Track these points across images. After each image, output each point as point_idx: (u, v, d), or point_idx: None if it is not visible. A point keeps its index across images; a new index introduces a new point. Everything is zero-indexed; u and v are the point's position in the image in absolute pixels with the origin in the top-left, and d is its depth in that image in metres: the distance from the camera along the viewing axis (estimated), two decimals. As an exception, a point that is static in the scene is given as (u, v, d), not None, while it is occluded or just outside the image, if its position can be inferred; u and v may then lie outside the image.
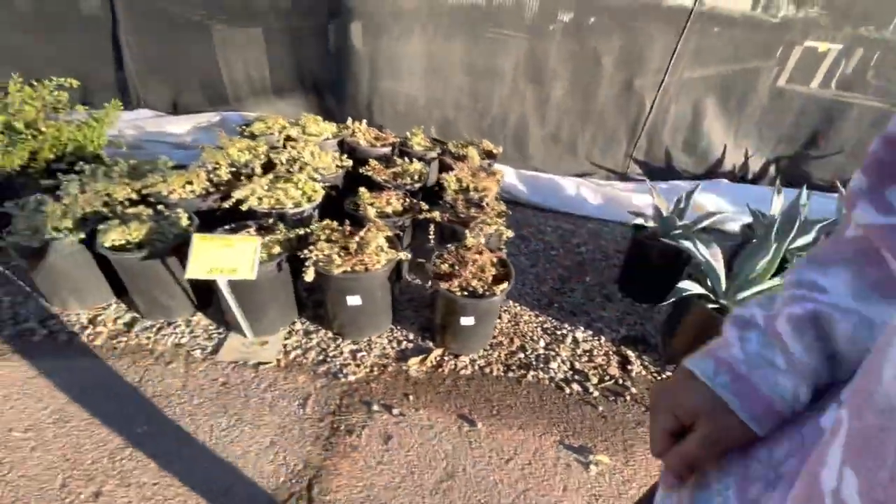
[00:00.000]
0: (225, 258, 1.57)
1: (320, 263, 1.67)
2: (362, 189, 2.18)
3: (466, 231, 1.98)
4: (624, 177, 3.44)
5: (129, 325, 1.90)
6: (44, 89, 2.54)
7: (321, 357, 1.84)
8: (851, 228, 0.39)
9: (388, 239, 1.83)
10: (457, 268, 1.76)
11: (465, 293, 1.68)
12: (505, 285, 1.69)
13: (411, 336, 1.98)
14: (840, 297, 0.38)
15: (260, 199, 2.04)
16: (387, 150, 2.91)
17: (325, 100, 3.36)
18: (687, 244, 1.75)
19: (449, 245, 1.90)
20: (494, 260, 1.76)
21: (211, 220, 1.98)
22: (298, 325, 1.98)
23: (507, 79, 3.14)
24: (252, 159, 2.42)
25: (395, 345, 1.93)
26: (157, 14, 3.05)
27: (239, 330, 1.88)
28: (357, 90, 3.25)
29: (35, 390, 1.61)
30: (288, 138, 2.82)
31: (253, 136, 2.78)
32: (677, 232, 2.08)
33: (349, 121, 2.96)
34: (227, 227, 1.87)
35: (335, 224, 1.86)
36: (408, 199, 2.22)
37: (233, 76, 3.29)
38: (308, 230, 1.83)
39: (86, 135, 2.57)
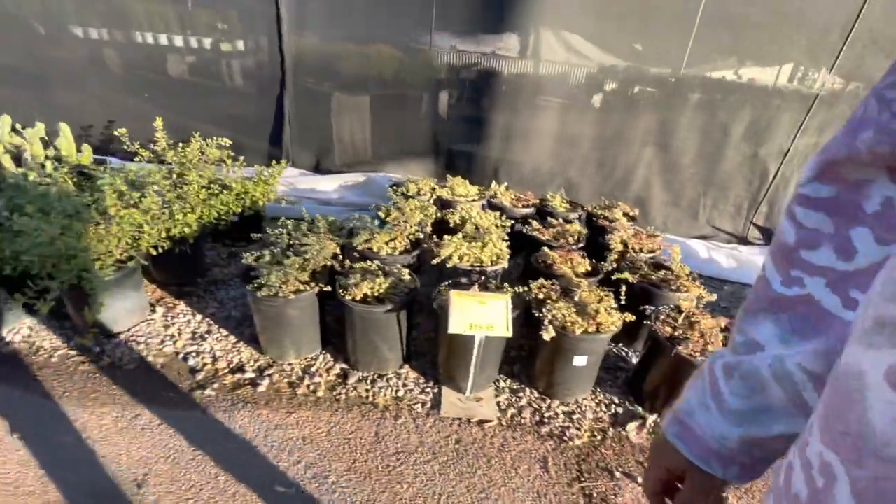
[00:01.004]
0: (479, 315, 1.62)
1: (556, 323, 1.71)
2: (546, 249, 2.26)
3: (668, 293, 2.02)
4: (743, 241, 3.49)
5: (343, 377, 1.93)
6: (208, 147, 2.76)
7: (537, 417, 1.83)
8: (764, 283, 0.45)
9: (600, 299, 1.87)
10: (681, 332, 1.78)
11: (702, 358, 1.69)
12: (740, 350, 1.69)
13: (616, 399, 1.95)
14: (773, 349, 0.43)
15: (461, 257, 2.12)
16: (529, 210, 3.04)
17: (455, 162, 3.56)
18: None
19: (659, 307, 1.93)
20: (723, 324, 1.78)
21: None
22: (501, 383, 1.98)
23: (634, 146, 3.32)
24: (424, 219, 2.55)
25: (603, 408, 1.91)
26: (309, 86, 3.35)
27: (451, 385, 1.89)
28: (488, 155, 3.45)
29: (281, 442, 1.62)
30: (439, 199, 2.98)
31: (405, 196, 2.94)
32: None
33: (494, 184, 3.13)
34: (446, 283, 1.94)
35: (549, 283, 1.92)
36: (587, 260, 2.28)
37: (368, 140, 3.53)
38: (527, 288, 1.89)
39: (260, 191, 2.76)
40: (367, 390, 1.87)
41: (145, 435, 1.59)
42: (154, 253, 2.02)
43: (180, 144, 2.69)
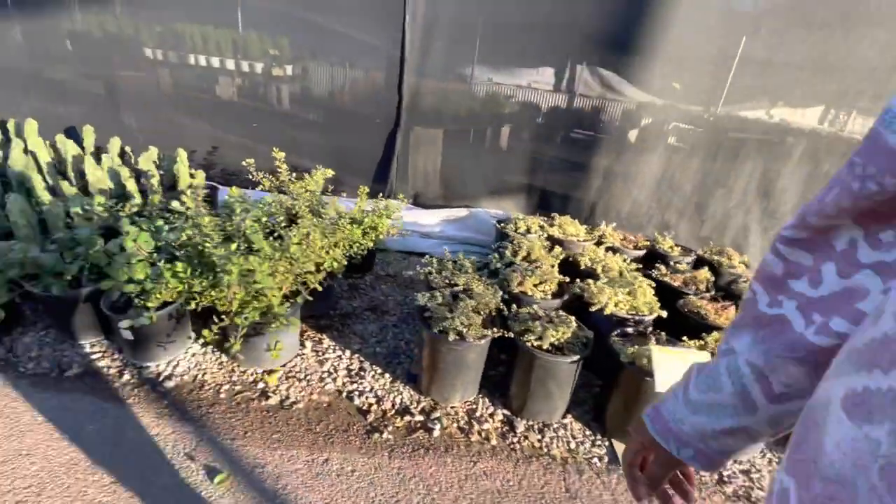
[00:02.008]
0: (680, 371, 1.60)
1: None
2: (692, 298, 2.25)
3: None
4: (841, 289, 3.47)
5: (509, 424, 1.89)
6: (319, 177, 2.82)
7: (716, 476, 1.78)
8: (751, 304, 0.52)
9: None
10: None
11: None
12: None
13: (785, 458, 1.91)
14: (742, 352, 0.51)
15: (615, 304, 2.12)
16: (641, 252, 3.04)
17: (549, 200, 3.60)
18: None
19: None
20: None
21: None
22: (667, 437, 1.94)
23: (736, 192, 3.35)
24: (553, 259, 2.56)
25: (775, 466, 1.86)
26: (415, 123, 3.42)
27: (623, 438, 1.85)
28: (584, 194, 3.49)
29: (478, 495, 1.58)
30: (550, 237, 2.99)
31: (520, 235, 2.95)
32: None
33: (603, 225, 3.15)
34: (616, 333, 1.93)
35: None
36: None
37: (465, 176, 3.59)
38: (702, 342, 1.87)
39: (384, 224, 2.79)
40: (538, 440, 1.83)
41: (342, 482, 1.56)
42: (319, 289, 2.02)
43: (293, 175, 2.73)
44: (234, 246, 1.70)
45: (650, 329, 1.97)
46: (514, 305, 2.00)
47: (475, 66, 3.29)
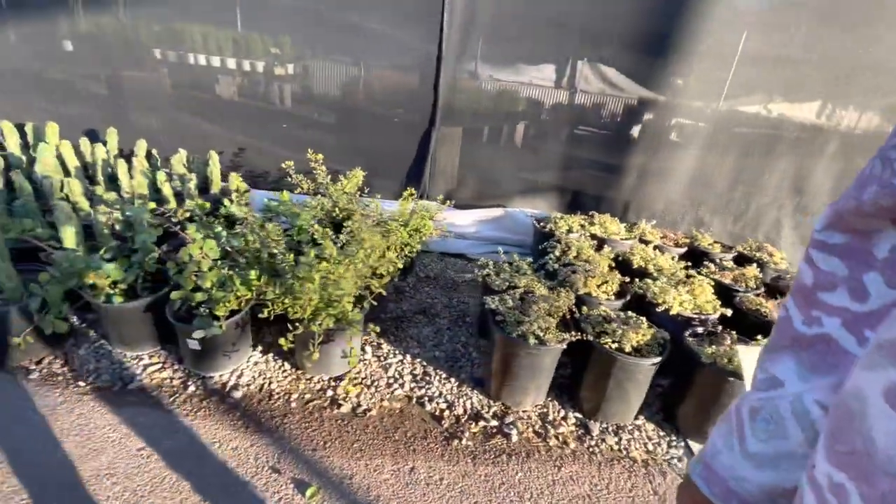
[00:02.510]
0: (768, 371, 1.60)
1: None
2: (749, 295, 2.25)
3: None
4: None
5: (583, 427, 1.88)
6: (355, 179, 2.81)
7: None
8: (786, 322, 0.47)
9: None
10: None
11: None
12: None
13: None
14: (792, 386, 0.44)
15: (680, 303, 2.11)
16: (682, 250, 3.05)
17: (581, 198, 3.58)
18: None
19: None
20: None
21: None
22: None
23: (769, 189, 3.36)
24: (606, 260, 2.54)
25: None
26: (448, 123, 3.39)
27: (699, 438, 1.85)
28: (617, 192, 3.48)
29: (570, 500, 1.56)
30: (592, 236, 2.98)
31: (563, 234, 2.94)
32: None
33: (643, 223, 3.15)
34: (688, 333, 1.92)
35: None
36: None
37: (498, 176, 3.56)
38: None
39: (428, 227, 2.75)
40: (616, 443, 1.82)
41: (433, 492, 1.53)
42: (384, 293, 1.98)
43: (328, 177, 2.68)
44: (312, 254, 1.66)
45: (720, 328, 1.97)
46: (584, 307, 1.98)
47: (512, 64, 3.26)
